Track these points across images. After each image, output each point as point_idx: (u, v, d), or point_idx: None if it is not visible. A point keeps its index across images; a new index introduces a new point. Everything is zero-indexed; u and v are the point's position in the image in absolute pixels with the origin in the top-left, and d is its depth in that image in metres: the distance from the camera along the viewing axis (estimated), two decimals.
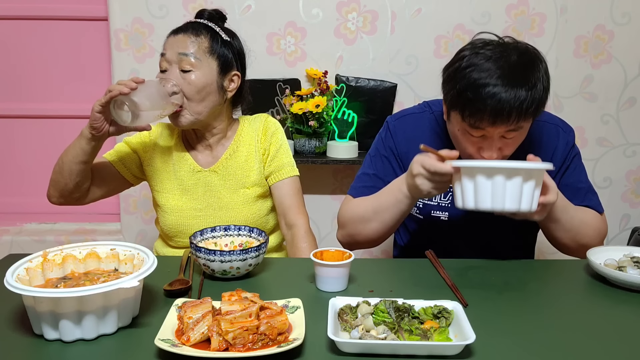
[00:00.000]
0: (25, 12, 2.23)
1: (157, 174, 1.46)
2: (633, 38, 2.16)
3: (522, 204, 1.05)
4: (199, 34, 1.35)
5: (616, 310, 1.01)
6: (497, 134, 1.16)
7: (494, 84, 1.10)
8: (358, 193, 1.37)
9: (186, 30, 1.35)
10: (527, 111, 1.11)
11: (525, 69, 1.13)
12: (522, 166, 1.04)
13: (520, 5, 2.12)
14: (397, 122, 1.40)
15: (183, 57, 1.32)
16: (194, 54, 1.33)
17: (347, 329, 0.89)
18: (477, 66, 1.13)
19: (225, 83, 1.39)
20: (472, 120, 1.14)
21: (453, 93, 1.17)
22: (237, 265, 1.08)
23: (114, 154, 1.47)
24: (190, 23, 1.38)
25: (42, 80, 2.29)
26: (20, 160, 2.37)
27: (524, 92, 1.10)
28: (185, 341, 0.82)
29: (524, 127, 1.17)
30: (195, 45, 1.33)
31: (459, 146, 1.24)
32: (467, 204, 1.07)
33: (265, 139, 1.46)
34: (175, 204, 1.44)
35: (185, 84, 1.32)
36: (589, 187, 1.36)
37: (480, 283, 1.12)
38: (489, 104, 1.10)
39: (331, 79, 2.17)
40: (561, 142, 1.34)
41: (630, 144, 2.27)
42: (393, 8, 2.12)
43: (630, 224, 2.35)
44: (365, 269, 1.18)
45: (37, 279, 0.94)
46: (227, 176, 1.44)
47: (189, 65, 1.32)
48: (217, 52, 1.36)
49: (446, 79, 1.22)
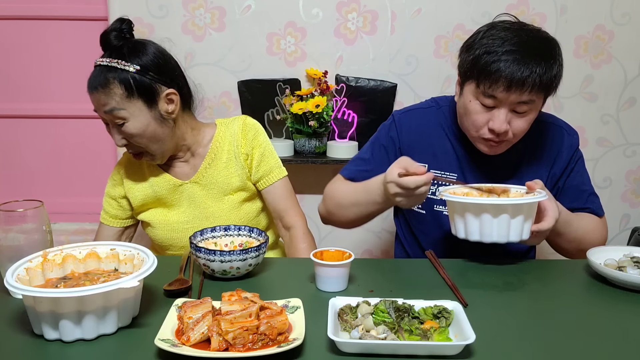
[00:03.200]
0: (25, 12, 2.22)
1: (137, 200, 1.42)
2: (633, 38, 2.15)
3: (510, 236, 1.11)
4: (107, 85, 1.24)
5: (616, 310, 1.01)
6: (509, 103, 1.16)
7: (512, 49, 1.13)
8: (349, 174, 1.39)
9: (96, 88, 1.26)
10: (541, 82, 1.13)
11: (543, 43, 1.16)
12: (509, 202, 1.09)
13: (520, 5, 2.12)
14: (403, 116, 1.40)
15: (109, 114, 1.26)
16: (116, 107, 1.25)
17: (347, 329, 0.88)
18: (494, 36, 1.16)
19: (162, 111, 1.30)
20: (486, 85, 1.15)
21: (469, 61, 1.19)
22: (237, 265, 1.08)
23: (108, 217, 1.48)
24: (95, 77, 1.26)
25: (41, 80, 2.29)
26: (20, 160, 2.37)
27: (542, 63, 1.13)
28: (185, 341, 0.82)
29: (536, 102, 1.18)
30: (112, 99, 1.25)
31: (469, 122, 1.24)
32: (459, 234, 1.16)
33: (245, 142, 1.41)
34: (161, 219, 1.42)
35: (128, 135, 1.28)
36: (591, 190, 1.37)
37: (480, 283, 1.12)
38: (505, 68, 1.12)
39: (331, 79, 2.17)
40: (565, 144, 1.35)
41: (630, 144, 2.27)
42: (393, 8, 2.12)
43: (630, 224, 2.35)
44: (365, 269, 1.18)
45: (37, 279, 0.94)
46: (209, 185, 1.41)
47: (119, 119, 1.26)
48: (134, 90, 1.25)
49: (463, 50, 1.23)
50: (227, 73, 2.17)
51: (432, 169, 1.35)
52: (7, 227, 1.02)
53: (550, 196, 1.17)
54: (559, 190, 1.35)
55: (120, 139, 1.30)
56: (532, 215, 1.13)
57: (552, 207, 1.14)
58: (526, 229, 1.12)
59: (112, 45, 1.28)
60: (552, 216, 1.13)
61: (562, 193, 1.35)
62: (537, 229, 1.13)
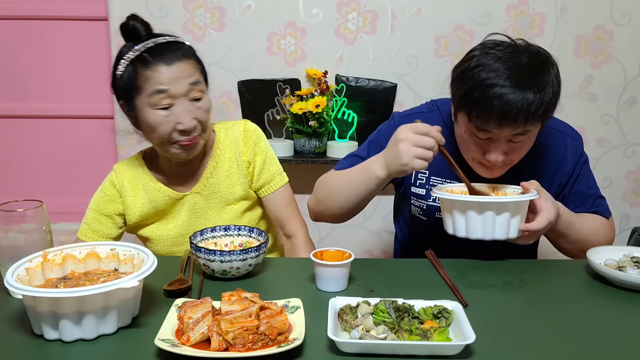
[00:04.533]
0: (25, 12, 2.23)
1: (135, 217, 1.34)
2: (633, 38, 2.15)
3: (495, 233, 1.13)
4: (190, 57, 1.22)
5: (616, 310, 1.01)
6: (503, 137, 1.15)
7: (502, 84, 1.09)
8: (342, 169, 1.34)
9: (181, 58, 1.21)
10: (534, 114, 1.10)
11: (535, 71, 1.11)
12: (494, 200, 1.12)
13: (520, 5, 2.12)
14: (404, 119, 1.37)
15: (193, 86, 1.21)
16: (199, 80, 1.23)
17: (347, 329, 0.88)
18: (486, 66, 1.12)
19: None
20: (478, 121, 1.12)
21: (460, 93, 1.16)
22: (237, 265, 1.08)
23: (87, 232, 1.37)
24: (172, 46, 1.22)
25: (41, 80, 2.29)
26: (20, 160, 2.37)
27: (532, 95, 1.08)
28: (185, 341, 0.82)
29: (532, 131, 1.16)
30: (196, 71, 1.23)
31: (465, 149, 1.23)
32: (449, 230, 1.19)
33: (247, 150, 1.37)
34: (160, 234, 1.37)
35: (201, 112, 1.23)
36: (598, 194, 1.35)
37: (480, 283, 1.12)
38: (496, 105, 1.08)
39: (331, 79, 2.17)
40: (569, 150, 1.33)
41: (630, 144, 2.27)
42: (393, 8, 2.12)
43: (630, 224, 2.35)
44: (365, 269, 1.17)
45: (37, 279, 0.94)
46: (210, 195, 1.35)
47: (199, 92, 1.23)
48: (203, 68, 1.26)
49: (455, 79, 1.20)
50: (227, 73, 2.17)
51: (432, 176, 1.34)
52: (7, 227, 1.02)
53: (547, 197, 1.16)
54: (565, 197, 1.34)
55: (191, 118, 1.22)
56: (519, 214, 1.13)
57: (547, 208, 1.14)
58: (513, 227, 1.13)
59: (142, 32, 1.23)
60: (545, 216, 1.13)
61: (569, 199, 1.33)
62: (526, 228, 1.13)
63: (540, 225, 1.13)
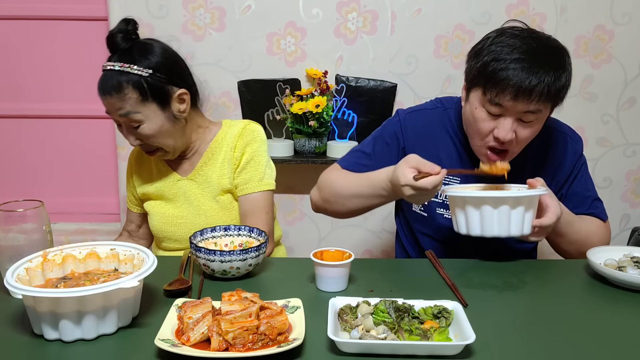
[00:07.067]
0: (25, 12, 2.22)
1: (142, 186, 1.48)
2: (633, 38, 2.15)
3: (511, 229, 1.10)
4: (121, 90, 1.24)
5: (616, 310, 1.01)
6: (515, 112, 1.15)
7: (521, 58, 1.11)
8: (348, 166, 1.36)
9: (109, 93, 1.25)
10: (549, 92, 1.11)
11: (553, 53, 1.14)
12: (509, 195, 1.10)
13: (520, 5, 2.12)
14: (409, 116, 1.38)
15: (124, 118, 1.27)
16: (131, 110, 1.26)
17: (347, 329, 0.88)
18: (503, 42, 1.14)
19: (175, 111, 1.32)
20: (493, 93, 1.13)
21: (476, 68, 1.17)
22: (237, 265, 1.08)
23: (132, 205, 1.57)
24: (107, 82, 1.25)
25: (41, 80, 2.29)
26: (20, 160, 2.37)
27: (551, 73, 1.11)
28: (185, 341, 0.82)
29: (543, 112, 1.16)
30: (126, 103, 1.26)
31: (474, 131, 1.23)
32: (461, 230, 1.15)
33: (239, 146, 1.41)
34: (159, 210, 1.45)
35: (143, 136, 1.30)
36: (595, 196, 1.36)
37: (480, 283, 1.12)
38: (514, 75, 1.10)
39: (331, 79, 2.17)
40: (569, 151, 1.34)
41: (630, 144, 2.27)
42: (393, 8, 2.12)
43: (630, 224, 2.35)
44: (365, 269, 1.18)
45: (37, 279, 0.94)
46: (203, 184, 1.42)
47: (134, 122, 1.28)
48: (148, 94, 1.27)
49: (471, 57, 1.21)
50: (227, 73, 2.17)
51: None
52: (7, 227, 1.02)
53: (551, 194, 1.16)
54: (563, 197, 1.34)
55: (135, 139, 1.33)
56: (532, 209, 1.12)
57: (553, 204, 1.14)
58: (527, 223, 1.12)
59: (119, 47, 1.27)
60: (553, 212, 1.13)
61: (566, 199, 1.34)
62: (539, 224, 1.12)
63: (551, 220, 1.13)
